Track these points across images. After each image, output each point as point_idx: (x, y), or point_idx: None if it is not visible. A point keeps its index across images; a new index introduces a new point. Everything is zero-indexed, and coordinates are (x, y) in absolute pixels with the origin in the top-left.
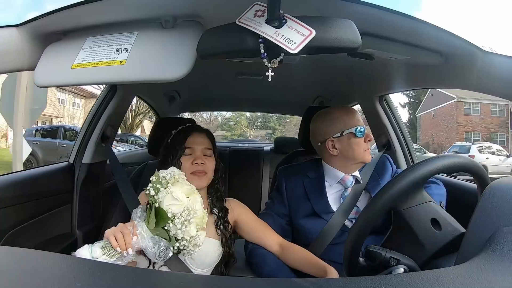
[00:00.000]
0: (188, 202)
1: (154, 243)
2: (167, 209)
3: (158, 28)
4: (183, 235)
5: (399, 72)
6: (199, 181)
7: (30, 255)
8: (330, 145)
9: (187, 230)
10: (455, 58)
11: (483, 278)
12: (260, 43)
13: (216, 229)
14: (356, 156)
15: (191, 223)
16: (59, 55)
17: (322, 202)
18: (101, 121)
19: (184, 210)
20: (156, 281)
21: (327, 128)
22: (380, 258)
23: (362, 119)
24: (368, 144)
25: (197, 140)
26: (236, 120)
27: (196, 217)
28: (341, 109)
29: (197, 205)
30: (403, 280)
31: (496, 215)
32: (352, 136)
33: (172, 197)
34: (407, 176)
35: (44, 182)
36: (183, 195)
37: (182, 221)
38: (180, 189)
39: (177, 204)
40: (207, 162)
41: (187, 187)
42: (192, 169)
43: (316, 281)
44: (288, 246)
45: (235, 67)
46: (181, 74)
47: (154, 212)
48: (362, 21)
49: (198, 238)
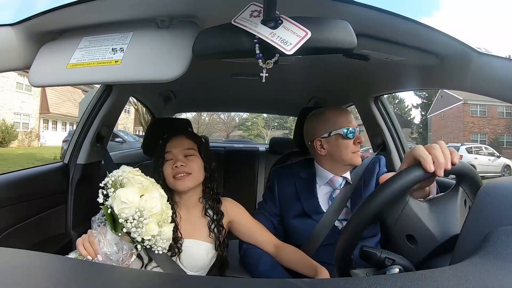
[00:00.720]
0: (140, 202)
1: (119, 248)
2: (119, 213)
3: (154, 28)
4: (142, 236)
5: (394, 73)
6: (182, 183)
7: (25, 256)
8: (318, 145)
9: (147, 230)
10: (450, 59)
11: (478, 278)
12: (255, 43)
13: (210, 232)
14: (344, 157)
15: (146, 223)
16: (55, 54)
17: (312, 202)
18: (96, 121)
19: (135, 212)
20: (151, 281)
21: (317, 128)
22: (375, 258)
23: (357, 120)
24: (358, 147)
25: (175, 144)
26: (253, 121)
27: (155, 215)
28: (332, 109)
29: (152, 202)
30: (398, 280)
31: (490, 216)
32: (340, 137)
33: (120, 201)
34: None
35: (39, 183)
36: (134, 195)
37: (136, 223)
38: (130, 190)
39: (127, 206)
40: (190, 162)
41: (138, 185)
42: (173, 173)
43: (310, 282)
44: (282, 246)
45: (231, 67)
46: (177, 74)
47: (110, 217)
48: (358, 22)
49: (164, 234)
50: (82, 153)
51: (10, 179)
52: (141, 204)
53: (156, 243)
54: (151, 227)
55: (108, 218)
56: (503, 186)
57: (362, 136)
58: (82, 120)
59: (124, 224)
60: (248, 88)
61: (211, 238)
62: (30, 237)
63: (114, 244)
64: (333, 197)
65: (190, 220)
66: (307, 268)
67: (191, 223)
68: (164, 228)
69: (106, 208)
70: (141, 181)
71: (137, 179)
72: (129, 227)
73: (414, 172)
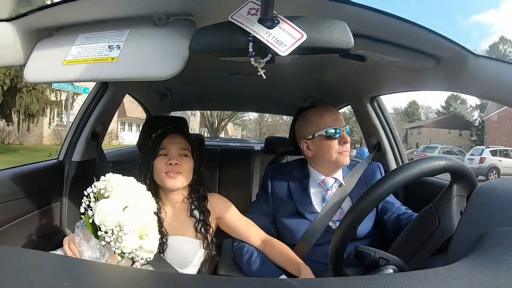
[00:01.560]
0: (122, 216)
1: (101, 254)
2: (100, 224)
3: (151, 26)
4: (121, 249)
5: (390, 74)
6: (173, 181)
7: (19, 254)
8: (305, 146)
9: (127, 244)
10: (447, 61)
11: (472, 279)
12: (249, 41)
13: (196, 233)
14: (328, 158)
15: (126, 238)
16: (51, 51)
17: (306, 202)
18: (92, 119)
19: (115, 226)
20: (145, 280)
21: (303, 129)
22: (369, 258)
23: (352, 120)
24: (344, 147)
25: (172, 140)
26: None
27: (138, 228)
28: (317, 110)
29: (135, 216)
30: (393, 280)
31: (485, 216)
32: (323, 138)
33: (101, 213)
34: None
35: (33, 180)
36: (116, 208)
37: (114, 237)
38: (112, 202)
39: (107, 220)
40: (183, 162)
41: (122, 197)
42: (165, 169)
43: (305, 281)
44: (269, 241)
45: (228, 66)
46: (173, 72)
47: (92, 227)
48: (355, 23)
49: (147, 246)
50: (77, 150)
51: (4, 177)
52: (122, 218)
53: (138, 255)
54: (132, 240)
55: (88, 228)
56: (497, 187)
57: (348, 136)
58: (78, 117)
59: (104, 236)
60: (244, 87)
61: (198, 236)
62: (24, 234)
63: (97, 250)
64: (325, 199)
65: (176, 218)
66: (290, 264)
67: (177, 220)
68: (147, 241)
69: (88, 218)
70: (126, 191)
71: (122, 190)
72: (108, 240)
73: (410, 171)
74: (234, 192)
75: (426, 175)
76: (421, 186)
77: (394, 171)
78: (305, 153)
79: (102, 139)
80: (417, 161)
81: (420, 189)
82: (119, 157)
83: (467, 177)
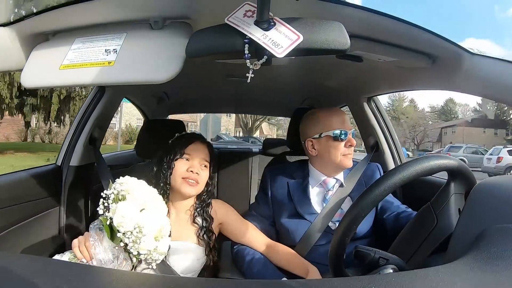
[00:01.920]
0: (140, 218)
1: (114, 256)
2: (118, 226)
3: (147, 29)
4: (139, 250)
5: (387, 74)
6: (190, 188)
7: (17, 259)
8: (309, 145)
9: (144, 244)
10: (443, 60)
11: (471, 277)
12: (245, 44)
13: (199, 240)
14: (333, 159)
15: (144, 240)
16: (47, 55)
17: (305, 203)
18: (89, 123)
19: (134, 228)
20: (146, 284)
21: (309, 128)
22: (369, 258)
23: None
24: (349, 149)
25: (198, 148)
26: None
27: (154, 230)
28: (325, 110)
29: (153, 218)
30: (393, 280)
31: (484, 214)
32: (330, 139)
33: (120, 214)
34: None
35: (31, 185)
36: (135, 209)
37: (134, 238)
38: (130, 204)
39: (126, 221)
40: (202, 173)
41: (139, 199)
42: (185, 175)
43: (305, 282)
44: (273, 246)
45: (224, 68)
46: (170, 75)
47: (109, 228)
48: (351, 23)
49: (160, 248)
50: (75, 155)
51: (2, 182)
52: (141, 220)
53: (152, 257)
54: (149, 241)
55: (106, 229)
56: (496, 184)
57: (354, 140)
58: (75, 121)
59: (122, 238)
60: (242, 89)
61: (201, 243)
62: (23, 240)
63: (110, 252)
64: (326, 199)
65: (179, 223)
66: (298, 267)
67: (180, 226)
68: (160, 242)
69: (105, 219)
70: (143, 194)
71: (139, 192)
72: (127, 241)
73: (407, 171)
74: (233, 194)
75: (424, 175)
76: (419, 185)
77: (391, 171)
78: (309, 151)
79: (100, 144)
80: (414, 160)
81: (418, 188)
82: (117, 161)
83: (465, 175)
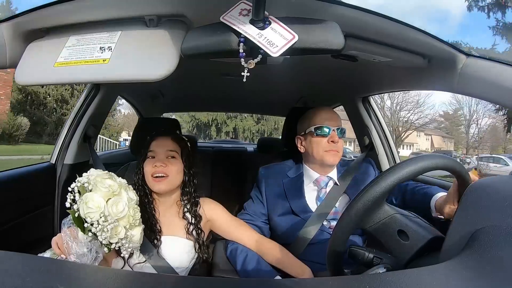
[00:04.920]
0: (106, 207)
1: (89, 249)
2: (85, 217)
3: (142, 27)
4: (108, 239)
5: (382, 74)
6: (158, 185)
7: (12, 258)
8: (298, 142)
9: (113, 233)
10: (438, 61)
11: (465, 276)
12: (240, 42)
13: (187, 234)
14: (315, 154)
15: (111, 227)
16: (42, 53)
17: (300, 201)
18: (84, 121)
19: (100, 217)
20: (139, 282)
21: (299, 125)
22: (363, 258)
23: (344, 120)
24: (331, 145)
25: (160, 143)
26: None
27: (121, 218)
28: (314, 108)
29: (118, 206)
30: (386, 279)
31: (477, 214)
32: (312, 135)
33: (86, 205)
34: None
35: (25, 183)
36: (100, 199)
37: (100, 227)
38: (95, 194)
39: (92, 211)
40: (169, 164)
41: (104, 189)
42: (151, 171)
43: (299, 281)
44: (265, 243)
45: (220, 67)
46: (165, 73)
47: (78, 220)
48: (346, 23)
49: (133, 236)
50: (69, 153)
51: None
52: (106, 209)
53: (124, 245)
54: (118, 230)
55: (75, 221)
56: (489, 185)
57: (337, 136)
58: (69, 119)
59: (90, 228)
60: (237, 88)
61: (190, 238)
62: (17, 238)
63: (84, 246)
64: (320, 197)
65: (168, 218)
66: (290, 265)
67: (169, 221)
68: (133, 231)
69: (73, 212)
70: (108, 184)
71: (104, 182)
72: (94, 231)
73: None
74: (228, 193)
75: (418, 174)
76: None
77: (390, 169)
78: (299, 148)
79: (94, 141)
80: (412, 159)
81: None
82: (112, 159)
83: (460, 175)
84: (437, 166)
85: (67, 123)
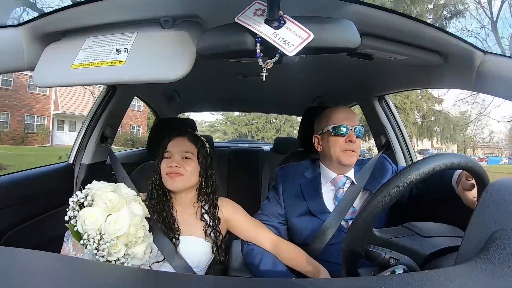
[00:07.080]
0: (103, 224)
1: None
2: (83, 232)
3: (157, 28)
4: (106, 257)
5: (398, 72)
6: (172, 181)
7: (30, 256)
8: (316, 141)
9: (110, 251)
10: (455, 58)
11: (482, 279)
12: (256, 42)
13: (205, 236)
14: (332, 154)
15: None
16: (59, 55)
17: (318, 202)
18: (101, 122)
19: (96, 235)
20: (155, 281)
21: (316, 124)
22: (379, 258)
23: (362, 120)
24: (349, 145)
25: (176, 144)
26: None
27: (122, 236)
28: (333, 107)
29: (117, 224)
30: (403, 280)
31: (496, 215)
32: (330, 134)
33: (83, 221)
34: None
35: (44, 183)
36: (98, 216)
37: (96, 246)
38: (95, 210)
39: (89, 228)
40: (185, 165)
41: (103, 205)
42: (166, 170)
43: (315, 281)
44: (281, 244)
45: (235, 67)
46: (181, 74)
47: (77, 235)
48: (362, 21)
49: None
50: (87, 153)
51: (15, 180)
52: (103, 226)
53: (124, 264)
54: (118, 248)
55: (74, 236)
56: (508, 185)
57: (355, 136)
58: (86, 120)
59: (87, 243)
60: (252, 87)
61: (208, 239)
62: (35, 237)
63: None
64: (337, 197)
65: (186, 219)
66: (307, 267)
67: (187, 221)
68: (134, 249)
69: (72, 226)
70: (108, 199)
71: (104, 197)
72: (90, 248)
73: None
74: (244, 192)
75: (433, 172)
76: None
77: (408, 168)
78: (316, 148)
79: (111, 142)
80: (428, 157)
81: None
82: (129, 159)
83: (479, 175)
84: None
85: (84, 124)
